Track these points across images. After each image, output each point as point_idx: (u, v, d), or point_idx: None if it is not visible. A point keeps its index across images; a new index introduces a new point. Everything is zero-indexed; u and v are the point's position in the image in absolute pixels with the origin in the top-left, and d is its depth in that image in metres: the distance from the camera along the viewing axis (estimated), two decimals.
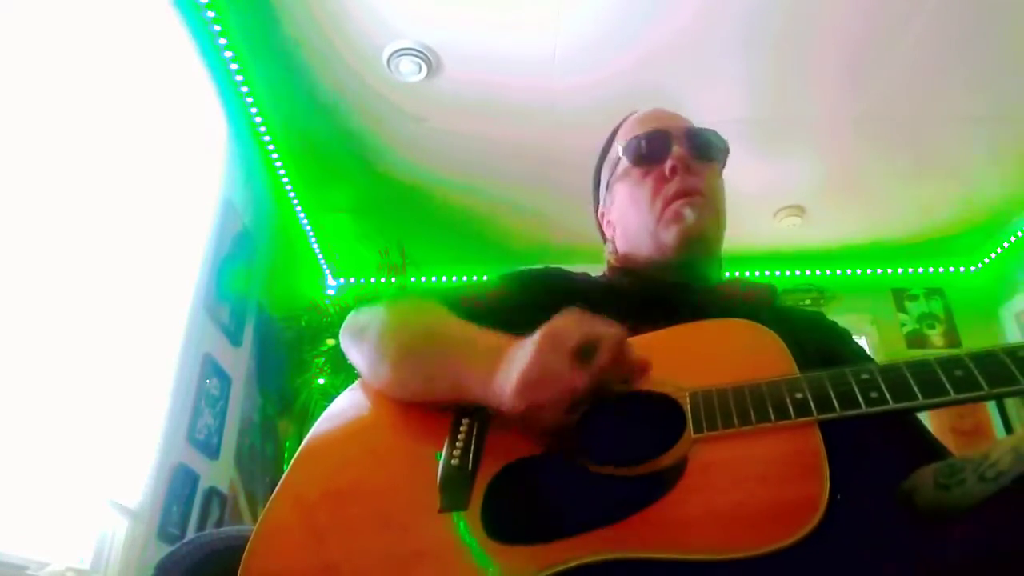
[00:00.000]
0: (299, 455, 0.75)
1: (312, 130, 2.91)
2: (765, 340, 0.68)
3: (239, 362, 2.71)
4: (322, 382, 2.91)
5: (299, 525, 0.67)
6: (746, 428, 0.59)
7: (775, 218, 3.50)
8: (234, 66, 2.53)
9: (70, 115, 1.74)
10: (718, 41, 2.49)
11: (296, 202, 3.32)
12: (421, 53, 2.50)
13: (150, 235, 2.11)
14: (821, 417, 0.58)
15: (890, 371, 0.59)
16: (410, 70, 2.56)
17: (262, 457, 2.91)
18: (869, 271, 3.90)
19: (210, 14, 2.32)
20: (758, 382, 0.62)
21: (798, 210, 3.46)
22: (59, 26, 1.71)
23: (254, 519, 2.76)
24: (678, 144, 0.93)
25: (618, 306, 0.89)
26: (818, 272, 3.89)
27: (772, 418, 0.59)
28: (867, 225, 3.62)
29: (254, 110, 2.73)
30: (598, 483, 0.61)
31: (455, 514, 0.62)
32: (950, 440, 0.80)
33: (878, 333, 3.76)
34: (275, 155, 2.99)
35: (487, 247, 3.71)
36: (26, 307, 1.58)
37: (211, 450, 2.40)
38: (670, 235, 0.89)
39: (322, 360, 2.94)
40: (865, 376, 0.59)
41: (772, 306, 0.92)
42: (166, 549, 0.83)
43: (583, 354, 0.62)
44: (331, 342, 2.89)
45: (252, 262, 2.82)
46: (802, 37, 2.47)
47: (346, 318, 0.91)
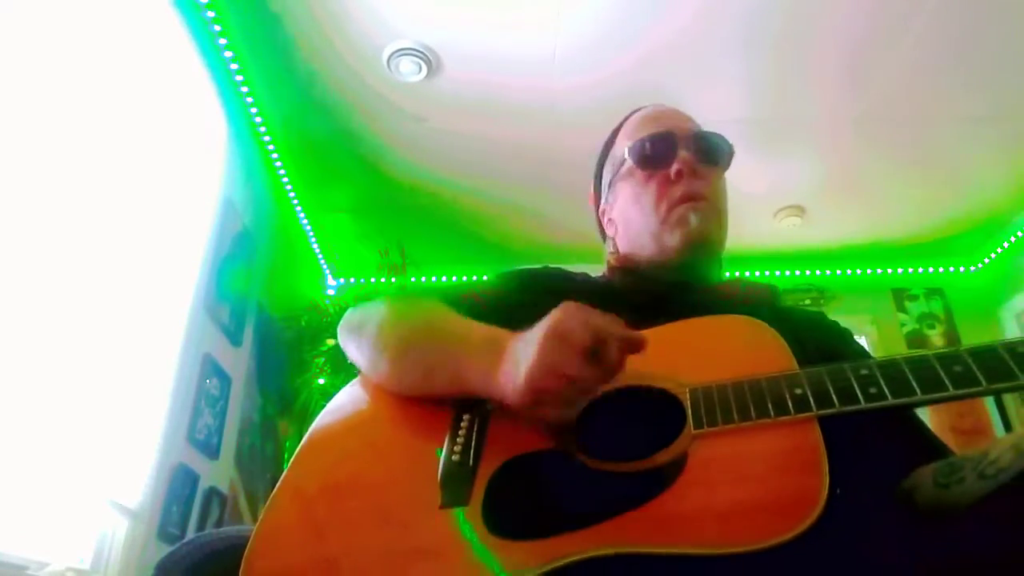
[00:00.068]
0: (300, 451, 0.76)
1: (312, 130, 2.91)
2: (765, 336, 0.68)
3: (239, 362, 2.71)
4: (322, 382, 2.91)
5: (299, 520, 0.67)
6: (746, 424, 0.59)
7: (775, 218, 3.50)
8: (234, 66, 2.53)
9: (70, 115, 1.75)
10: (718, 41, 2.49)
11: (296, 202, 3.32)
12: (421, 53, 2.50)
13: (150, 235, 2.11)
14: (820, 413, 0.58)
15: (889, 367, 0.59)
16: (410, 70, 2.56)
17: (262, 457, 2.91)
18: (869, 271, 3.90)
19: (210, 14, 2.32)
20: (758, 378, 0.62)
21: (798, 210, 3.46)
22: (59, 26, 1.71)
23: (254, 519, 2.75)
24: (684, 148, 0.92)
25: (617, 306, 0.89)
26: (818, 272, 3.89)
27: (771, 414, 0.59)
28: (867, 225, 3.62)
29: (254, 110, 2.74)
30: (599, 479, 0.62)
31: (456, 510, 0.62)
32: (950, 439, 0.79)
33: (878, 333, 3.76)
34: (275, 155, 2.99)
35: (487, 247, 3.71)
36: (26, 307, 1.58)
37: (211, 450, 2.41)
38: (674, 239, 0.89)
39: (322, 360, 2.94)
40: (864, 372, 0.59)
41: (773, 306, 0.92)
42: (166, 549, 0.83)
43: (593, 353, 0.62)
44: (331, 342, 2.89)
45: (252, 262, 2.82)
46: (802, 37, 2.47)
47: (345, 314, 0.91)
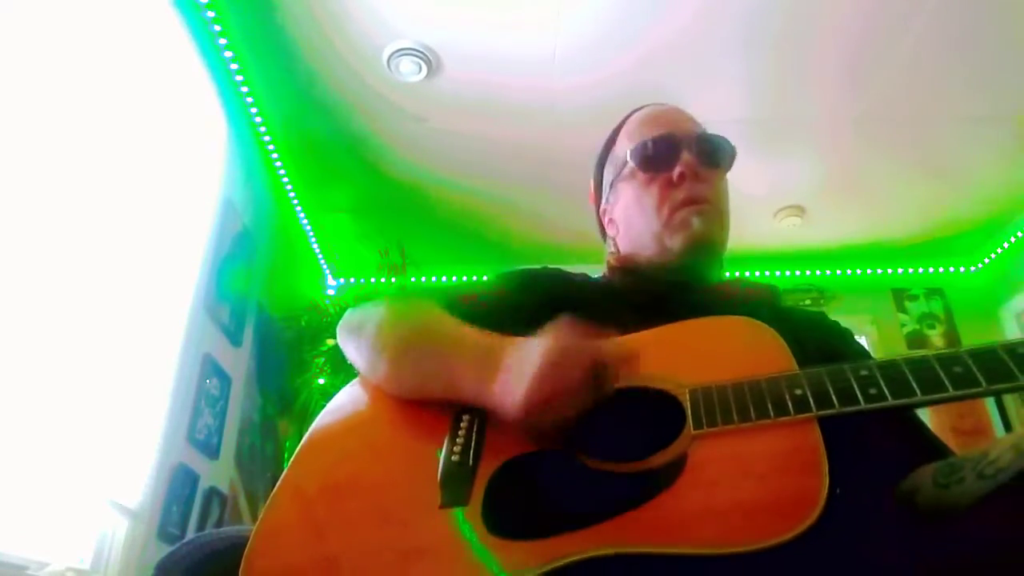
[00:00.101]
0: (300, 451, 0.76)
1: (312, 130, 2.91)
2: (765, 337, 0.68)
3: (239, 362, 2.71)
4: (322, 382, 2.91)
5: (299, 520, 0.67)
6: (745, 424, 0.59)
7: (775, 218, 3.50)
8: (234, 66, 2.53)
9: (70, 115, 1.75)
10: (718, 41, 2.49)
11: (296, 202, 3.32)
12: (421, 53, 2.50)
13: (150, 235, 2.11)
14: (820, 413, 0.58)
15: (889, 368, 0.59)
16: (410, 70, 2.56)
17: (262, 457, 2.91)
18: (869, 271, 3.90)
19: (210, 14, 2.32)
20: (757, 378, 0.62)
21: (798, 210, 3.46)
22: (59, 26, 1.71)
23: (254, 519, 2.76)
24: (687, 150, 0.91)
25: (617, 306, 0.89)
26: (818, 272, 3.89)
27: (771, 414, 0.59)
28: (867, 225, 3.62)
29: (254, 110, 2.74)
30: (598, 479, 0.62)
31: (456, 510, 0.62)
32: (950, 440, 0.79)
33: (878, 333, 3.76)
34: (275, 155, 2.99)
35: (487, 247, 3.71)
36: (27, 307, 1.58)
37: (211, 450, 2.41)
38: (676, 242, 0.88)
39: (322, 360, 2.94)
40: (864, 373, 0.59)
41: (773, 306, 0.92)
42: (166, 549, 0.83)
43: (593, 379, 0.63)
44: (331, 342, 2.89)
45: (252, 262, 2.82)
46: (802, 37, 2.47)
47: (344, 314, 0.91)
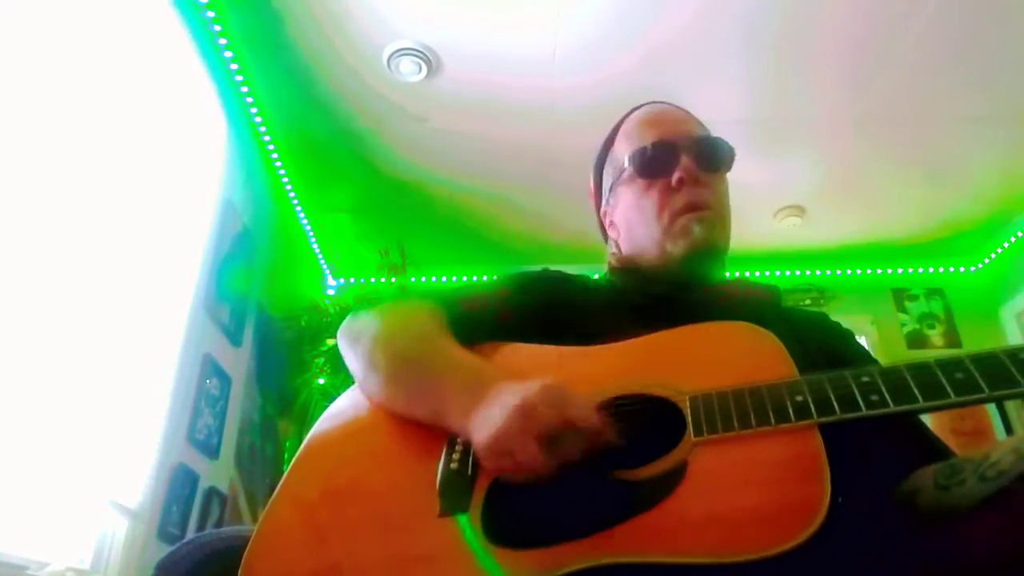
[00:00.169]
0: (299, 456, 0.76)
1: (312, 130, 2.91)
2: (765, 343, 0.68)
3: (239, 362, 2.70)
4: (322, 382, 2.91)
5: (300, 525, 0.67)
6: (746, 431, 0.59)
7: (775, 218, 3.50)
8: (234, 66, 2.53)
9: (70, 115, 1.74)
10: (718, 41, 2.49)
11: (296, 202, 3.31)
12: (421, 53, 2.50)
13: (150, 235, 2.11)
14: (821, 420, 0.57)
15: (890, 373, 0.59)
16: (410, 70, 2.56)
17: (262, 457, 2.91)
18: (869, 271, 3.90)
19: (210, 14, 2.32)
20: (758, 385, 0.62)
21: (798, 210, 3.45)
22: (59, 26, 1.70)
23: (254, 519, 2.75)
24: (686, 155, 0.90)
25: (618, 307, 0.89)
26: (818, 272, 3.89)
27: (772, 421, 0.59)
28: (867, 225, 3.61)
29: (254, 110, 2.73)
30: (599, 487, 0.61)
31: (461, 518, 0.62)
32: (950, 441, 0.79)
33: (878, 333, 3.76)
34: (275, 155, 2.99)
35: (487, 247, 3.71)
36: (27, 307, 1.58)
37: (211, 450, 2.40)
38: (678, 248, 0.88)
39: (322, 360, 2.94)
40: (865, 379, 0.59)
41: (775, 306, 0.92)
42: (166, 549, 0.83)
43: (551, 439, 0.61)
44: (331, 342, 2.89)
45: (252, 262, 2.82)
46: (802, 37, 2.47)
47: (344, 321, 0.91)
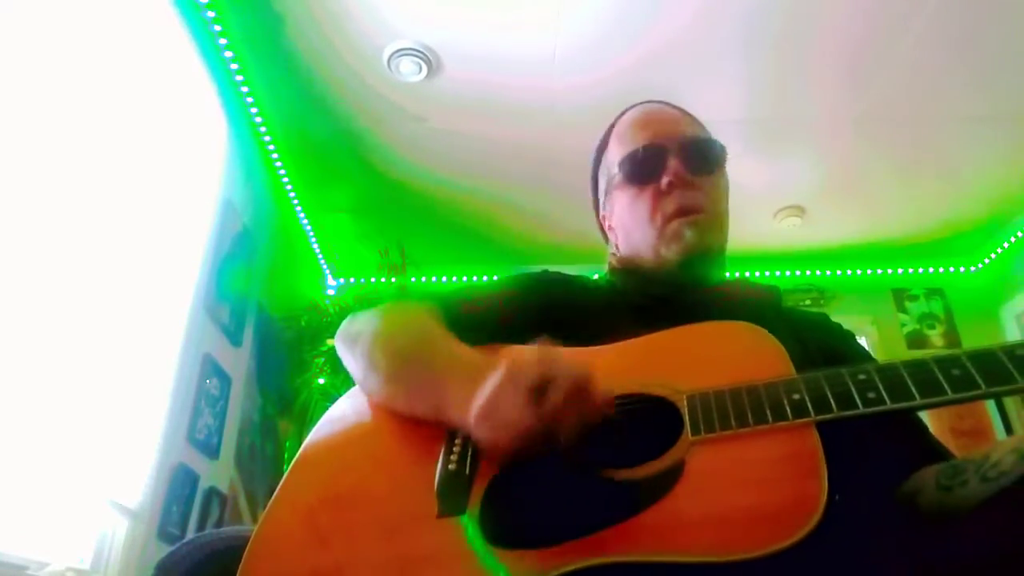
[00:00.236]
0: (298, 459, 0.75)
1: (312, 130, 2.91)
2: (763, 342, 0.68)
3: (239, 362, 2.71)
4: (322, 382, 2.91)
5: (299, 527, 0.67)
6: (743, 430, 0.59)
7: (775, 218, 3.50)
8: (234, 66, 2.53)
9: (70, 115, 1.74)
10: (718, 41, 2.49)
11: (296, 202, 3.32)
12: (421, 53, 2.50)
13: (150, 235, 2.11)
14: (819, 418, 0.57)
15: (887, 371, 0.59)
16: (410, 70, 2.56)
17: (262, 457, 2.91)
18: (869, 271, 3.90)
19: (210, 14, 2.32)
20: (755, 384, 0.62)
21: (798, 210, 3.45)
22: (59, 26, 1.71)
23: (254, 519, 2.75)
24: (674, 157, 0.90)
25: (618, 308, 0.89)
26: (818, 272, 3.89)
27: (770, 419, 0.59)
28: (867, 225, 3.62)
29: (254, 110, 2.73)
30: (596, 487, 0.61)
31: (454, 519, 0.62)
32: (949, 440, 0.80)
33: (878, 333, 3.76)
34: (275, 155, 2.99)
35: (487, 247, 3.71)
36: (27, 307, 1.58)
37: (211, 450, 2.41)
38: (671, 253, 0.88)
39: (322, 360, 2.94)
40: (862, 376, 0.59)
41: (775, 307, 0.92)
42: (166, 549, 0.83)
43: (539, 392, 0.60)
44: (331, 342, 2.88)
45: (252, 262, 2.82)
46: (802, 37, 2.47)
47: (343, 322, 0.91)
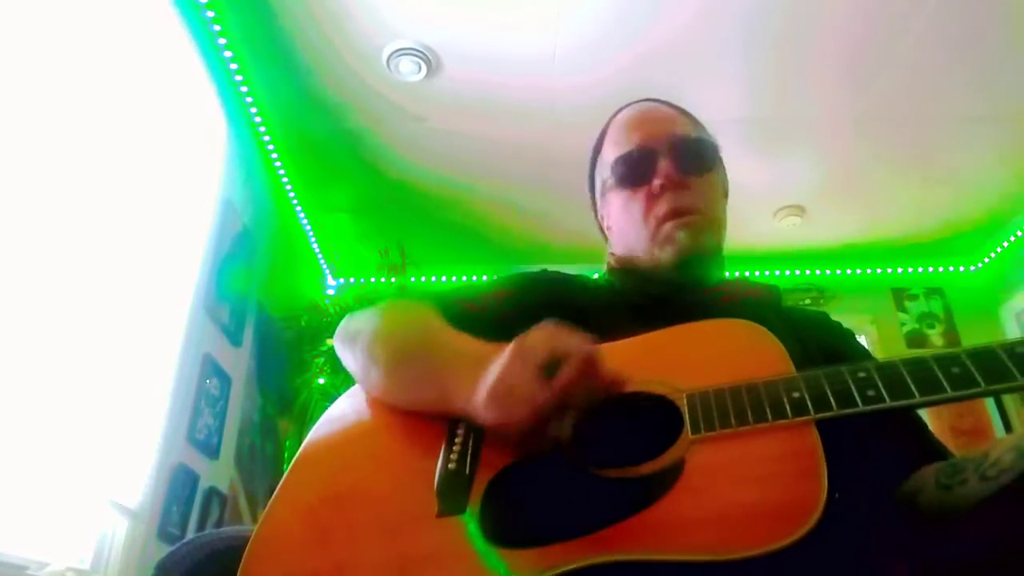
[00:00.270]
0: (298, 458, 0.75)
1: (312, 130, 2.91)
2: (762, 340, 0.68)
3: (239, 362, 2.71)
4: (322, 382, 2.91)
5: (300, 527, 0.67)
6: (743, 428, 0.59)
7: (775, 218, 3.50)
8: (234, 66, 2.53)
9: (70, 115, 1.74)
10: (718, 41, 2.49)
11: (296, 202, 3.32)
12: (421, 53, 2.50)
13: (150, 235, 2.11)
14: (818, 416, 0.57)
15: (887, 369, 0.58)
16: (410, 70, 2.56)
17: (262, 457, 2.91)
18: (869, 271, 3.90)
19: (210, 14, 2.32)
20: (755, 382, 0.62)
21: (798, 210, 3.46)
22: (59, 26, 1.71)
23: (254, 519, 2.75)
24: (664, 159, 0.90)
25: (617, 307, 0.89)
26: (818, 272, 3.89)
27: (769, 418, 0.59)
28: (867, 225, 3.62)
29: (254, 110, 2.73)
30: (596, 485, 0.61)
31: (454, 518, 0.62)
32: (949, 439, 0.80)
33: (878, 333, 3.76)
34: (275, 155, 2.99)
35: (487, 247, 3.71)
36: (27, 307, 1.58)
37: (211, 450, 2.41)
38: (666, 255, 0.88)
39: (322, 360, 2.94)
40: (862, 374, 0.59)
41: (775, 306, 0.92)
42: (166, 549, 0.83)
43: (549, 370, 0.60)
44: (331, 342, 2.87)
45: (252, 262, 2.82)
46: (802, 37, 2.47)
47: (341, 321, 0.91)
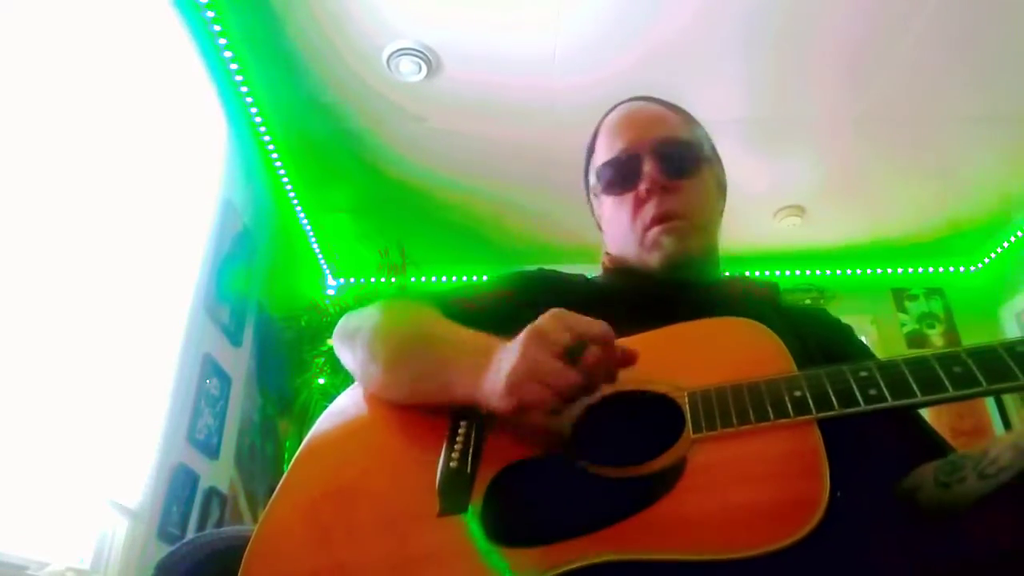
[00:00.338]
0: (299, 455, 0.75)
1: (312, 130, 2.91)
2: (763, 338, 0.68)
3: (239, 362, 2.70)
4: (322, 382, 2.91)
5: (301, 525, 0.67)
6: (745, 427, 0.59)
7: (775, 218, 3.50)
8: (234, 66, 2.53)
9: (70, 116, 1.74)
10: (718, 41, 2.49)
11: (296, 202, 3.31)
12: (421, 53, 2.50)
13: (150, 235, 2.11)
14: (820, 415, 0.57)
15: (889, 368, 0.58)
16: (410, 70, 2.56)
17: (262, 457, 2.90)
18: (869, 271, 3.90)
19: (210, 14, 2.32)
20: (756, 381, 0.62)
21: (798, 210, 3.45)
22: (59, 26, 1.71)
23: (254, 519, 2.75)
24: (648, 163, 0.90)
25: (615, 306, 0.89)
26: (818, 272, 3.88)
27: (771, 417, 0.59)
28: (867, 225, 3.62)
29: (254, 110, 2.73)
30: (598, 484, 0.61)
31: (456, 517, 0.62)
32: (949, 440, 0.79)
33: (878, 333, 3.75)
34: (275, 155, 2.99)
35: (487, 247, 3.70)
36: (27, 307, 1.58)
37: (211, 450, 2.40)
38: (653, 260, 0.89)
39: (322, 360, 2.93)
40: (864, 374, 0.59)
41: (774, 303, 0.92)
42: (166, 549, 0.83)
43: (571, 353, 0.61)
44: (331, 342, 2.88)
45: (252, 262, 2.82)
46: (802, 37, 2.47)
47: (340, 319, 0.91)
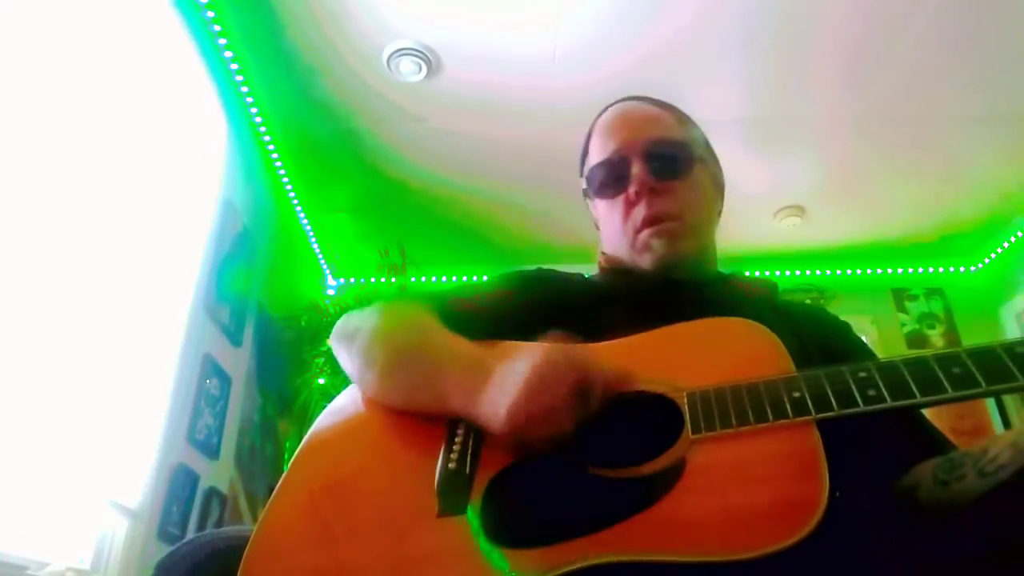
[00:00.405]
0: (299, 454, 0.75)
1: (312, 130, 2.91)
2: (762, 339, 0.68)
3: (239, 362, 2.70)
4: (322, 382, 2.91)
5: (301, 525, 0.67)
6: (744, 428, 0.59)
7: (775, 218, 3.50)
8: (234, 66, 2.53)
9: (70, 115, 1.74)
10: (718, 41, 2.49)
11: (296, 202, 3.31)
12: (421, 53, 2.50)
13: (151, 235, 2.11)
14: (819, 416, 0.57)
15: (888, 369, 0.58)
16: (410, 70, 2.56)
17: (262, 457, 2.91)
18: (869, 271, 3.90)
19: (210, 14, 2.32)
20: (756, 381, 0.62)
21: (798, 210, 3.45)
22: (59, 26, 1.71)
23: (254, 519, 2.75)
24: (637, 165, 0.90)
25: (613, 306, 0.89)
26: (818, 272, 3.88)
27: (770, 418, 0.59)
28: (867, 225, 3.61)
29: (254, 110, 2.73)
30: (597, 485, 0.61)
31: (454, 518, 0.62)
32: None
33: (878, 333, 3.75)
34: (275, 155, 2.99)
35: (487, 247, 3.70)
36: (27, 307, 1.58)
37: (211, 450, 2.40)
38: (645, 262, 0.89)
39: (322, 360, 2.93)
40: (863, 374, 0.59)
41: (772, 302, 0.92)
42: (166, 549, 0.83)
43: (578, 397, 0.63)
44: (330, 342, 2.88)
45: (252, 262, 2.82)
46: (802, 37, 2.47)
47: (338, 321, 0.91)
